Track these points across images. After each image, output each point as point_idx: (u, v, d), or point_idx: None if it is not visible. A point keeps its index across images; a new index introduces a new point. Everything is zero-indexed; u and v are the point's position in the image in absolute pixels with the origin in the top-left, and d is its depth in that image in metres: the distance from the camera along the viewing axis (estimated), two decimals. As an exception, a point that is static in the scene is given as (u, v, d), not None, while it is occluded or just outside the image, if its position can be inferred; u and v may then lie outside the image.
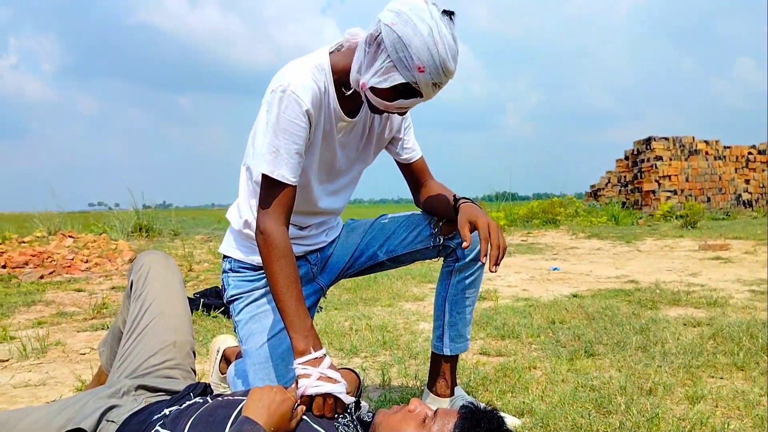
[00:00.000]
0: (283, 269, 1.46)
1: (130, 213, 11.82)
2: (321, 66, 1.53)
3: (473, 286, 1.83)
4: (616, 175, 19.81)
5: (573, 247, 8.50)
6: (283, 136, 1.46)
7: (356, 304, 4.05)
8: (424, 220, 1.80)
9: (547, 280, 5.24)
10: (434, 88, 1.42)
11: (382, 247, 1.81)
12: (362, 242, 1.83)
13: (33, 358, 2.86)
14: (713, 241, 8.17)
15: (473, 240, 1.68)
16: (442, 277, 1.86)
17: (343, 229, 1.89)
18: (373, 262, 1.83)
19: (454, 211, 1.68)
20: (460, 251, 1.77)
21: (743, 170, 19.28)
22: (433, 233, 1.78)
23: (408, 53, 1.35)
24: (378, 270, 1.88)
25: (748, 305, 3.75)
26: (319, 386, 1.35)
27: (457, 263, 1.79)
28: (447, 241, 1.77)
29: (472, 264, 1.78)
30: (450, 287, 1.83)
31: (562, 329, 3.13)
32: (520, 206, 15.83)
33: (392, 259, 1.82)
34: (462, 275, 1.81)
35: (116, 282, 5.65)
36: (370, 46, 1.42)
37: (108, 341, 1.91)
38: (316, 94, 1.50)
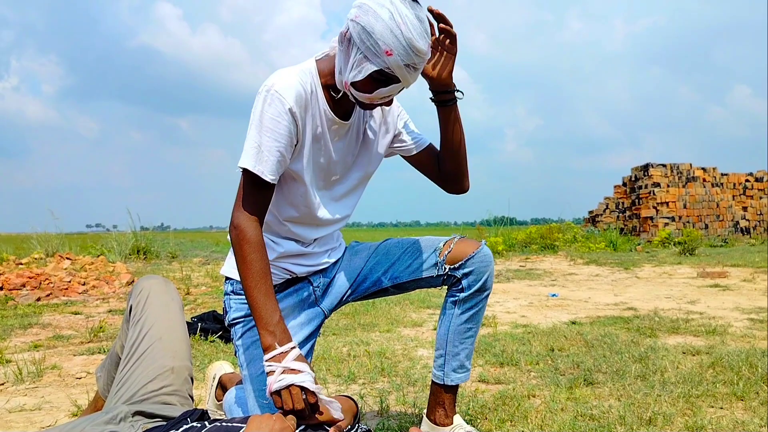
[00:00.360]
0: (254, 263, 1.49)
1: (128, 235, 11.81)
2: (308, 70, 1.59)
3: (477, 317, 1.81)
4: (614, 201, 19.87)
5: (571, 273, 8.50)
6: (265, 134, 1.49)
7: (354, 329, 4.03)
8: (430, 248, 1.79)
9: (546, 307, 5.23)
10: (409, 69, 1.45)
11: (387, 273, 1.80)
12: (366, 266, 1.82)
13: (29, 381, 2.83)
14: (711, 268, 8.17)
15: (477, 271, 1.71)
16: (445, 307, 1.84)
17: (347, 252, 1.88)
18: (377, 288, 1.81)
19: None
20: (465, 281, 1.75)
21: (741, 197, 19.36)
22: (438, 262, 1.76)
23: (373, 40, 1.40)
24: (382, 296, 1.87)
25: (747, 334, 3.75)
26: (281, 380, 1.37)
27: (461, 294, 1.77)
28: (452, 270, 1.75)
29: (477, 295, 1.77)
30: (453, 318, 1.81)
31: (561, 357, 3.12)
32: (518, 231, 15.86)
33: (396, 285, 1.81)
34: (466, 306, 1.79)
35: (113, 305, 5.63)
36: (342, 44, 1.48)
37: (105, 366, 1.90)
38: (301, 94, 1.53)
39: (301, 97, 1.53)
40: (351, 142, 1.71)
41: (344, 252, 1.88)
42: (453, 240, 1.79)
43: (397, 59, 1.41)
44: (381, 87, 1.48)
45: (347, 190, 1.76)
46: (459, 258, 1.74)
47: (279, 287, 1.74)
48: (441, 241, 1.79)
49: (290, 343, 1.44)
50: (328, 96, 1.60)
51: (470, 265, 1.74)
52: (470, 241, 1.79)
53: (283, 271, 1.73)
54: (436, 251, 1.77)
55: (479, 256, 1.74)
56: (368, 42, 1.40)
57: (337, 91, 1.58)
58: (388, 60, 1.41)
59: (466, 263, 1.74)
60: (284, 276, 1.74)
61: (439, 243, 1.79)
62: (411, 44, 1.40)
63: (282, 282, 1.75)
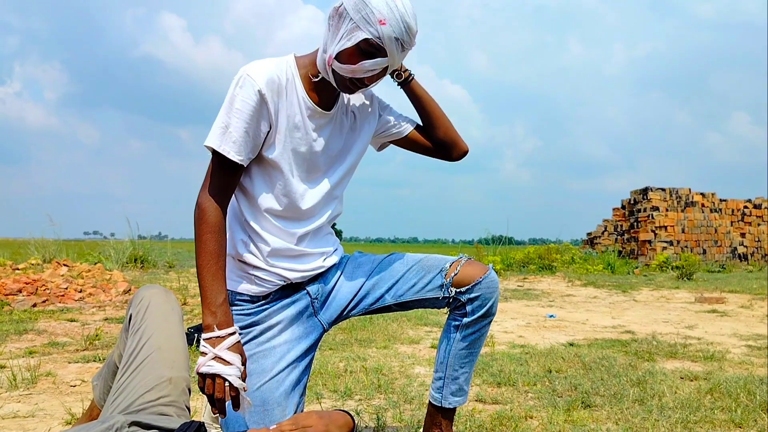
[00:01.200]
0: (208, 244, 1.54)
1: (126, 243, 11.80)
2: (285, 60, 1.63)
3: (478, 343, 1.78)
4: (612, 223, 19.90)
5: (569, 295, 8.48)
6: (234, 115, 1.53)
7: (351, 344, 4.01)
8: (436, 268, 1.75)
9: (544, 327, 5.22)
10: (397, 45, 1.49)
11: (390, 290, 1.75)
12: (368, 281, 1.77)
13: (23, 388, 2.81)
14: (709, 294, 8.16)
15: (483, 296, 1.68)
16: (447, 329, 1.80)
17: (349, 263, 1.83)
18: (380, 305, 1.77)
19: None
20: (469, 306, 1.71)
21: (739, 224, 19.40)
22: (444, 284, 1.72)
23: (369, 9, 1.45)
24: (383, 312, 1.83)
25: (745, 360, 3.73)
26: (210, 366, 1.45)
27: (465, 318, 1.73)
28: (458, 294, 1.71)
29: (480, 320, 1.73)
30: (455, 342, 1.77)
31: (558, 378, 3.10)
32: (516, 251, 15.85)
33: (399, 304, 1.77)
34: (468, 331, 1.75)
35: (110, 313, 5.60)
36: (333, 18, 1.52)
37: (102, 374, 1.89)
38: (274, 79, 1.56)
39: (274, 82, 1.56)
40: (335, 132, 1.70)
41: (346, 262, 1.83)
42: (460, 262, 1.75)
43: (389, 29, 1.45)
44: (366, 59, 1.50)
45: (333, 181, 1.73)
46: (466, 282, 1.70)
47: (274, 295, 1.70)
48: (447, 262, 1.76)
49: (229, 328, 1.49)
50: (307, 86, 1.63)
51: (477, 291, 1.70)
52: (477, 264, 1.75)
53: (277, 277, 1.68)
54: (442, 272, 1.73)
55: (486, 281, 1.71)
56: (363, 11, 1.45)
57: (316, 76, 1.61)
58: (380, 29, 1.45)
59: (472, 288, 1.70)
60: (278, 282, 1.68)
61: (446, 264, 1.75)
62: (404, 19, 1.46)
63: (277, 289, 1.70)
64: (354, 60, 1.50)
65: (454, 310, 1.76)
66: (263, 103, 1.54)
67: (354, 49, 1.49)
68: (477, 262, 1.76)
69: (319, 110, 1.64)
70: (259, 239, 1.66)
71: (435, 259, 1.78)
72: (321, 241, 1.77)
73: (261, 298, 1.69)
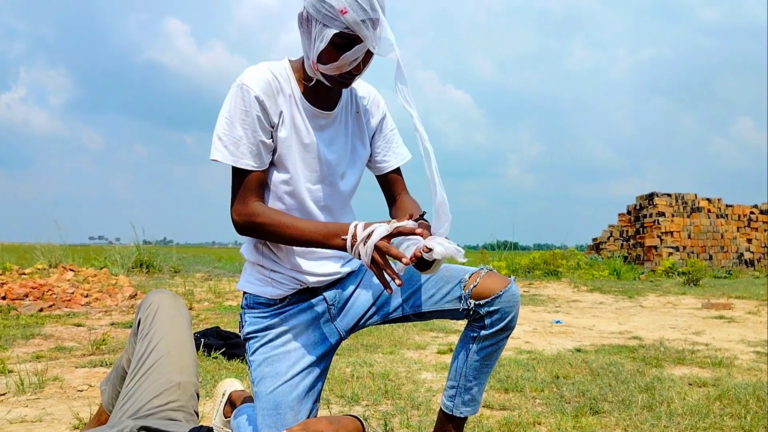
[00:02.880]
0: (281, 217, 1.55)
1: (131, 248, 11.82)
2: (280, 64, 1.66)
3: (495, 355, 1.73)
4: (618, 229, 19.84)
5: (575, 300, 8.46)
6: (240, 126, 1.56)
7: (357, 350, 4.01)
8: (455, 278, 1.69)
9: (550, 333, 5.20)
10: (369, 25, 1.48)
11: (408, 300, 1.72)
12: None
13: (30, 392, 2.82)
14: (716, 299, 8.13)
15: (503, 310, 1.64)
16: (463, 339, 1.75)
17: (368, 271, 1.80)
18: (398, 315, 1.74)
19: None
20: (488, 319, 1.66)
21: (745, 229, 19.32)
22: (463, 296, 1.67)
23: (327, 4, 1.45)
24: (402, 321, 1.79)
25: (753, 367, 3.71)
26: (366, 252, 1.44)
27: (483, 331, 1.68)
28: (477, 306, 1.66)
29: (499, 334, 1.68)
30: (471, 353, 1.72)
31: (566, 384, 3.09)
32: (521, 256, 15.81)
33: (417, 314, 1.73)
34: (486, 343, 1.69)
35: (116, 318, 5.61)
36: (302, 25, 1.55)
37: (111, 379, 1.89)
38: (269, 83, 1.59)
39: (269, 85, 1.58)
40: (339, 133, 1.71)
41: (365, 270, 1.80)
42: (480, 273, 1.68)
43: (353, 15, 1.45)
44: (345, 51, 1.51)
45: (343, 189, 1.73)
46: (485, 294, 1.64)
47: (291, 299, 1.70)
48: (467, 273, 1.70)
49: (351, 224, 1.49)
50: (303, 88, 1.65)
51: (497, 304, 1.64)
52: (498, 276, 1.69)
53: (294, 281, 1.68)
54: (461, 283, 1.68)
55: (507, 295, 1.65)
56: (323, 9, 1.46)
57: (310, 80, 1.63)
58: (345, 18, 1.45)
59: (492, 301, 1.64)
60: (295, 286, 1.69)
61: (465, 275, 1.69)
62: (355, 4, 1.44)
63: (294, 293, 1.70)
64: (334, 57, 1.51)
65: (472, 322, 1.71)
66: (263, 109, 1.57)
67: (330, 47, 1.50)
68: (497, 274, 1.70)
69: (318, 111, 1.65)
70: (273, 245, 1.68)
71: (454, 270, 1.72)
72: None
73: (278, 301, 1.70)
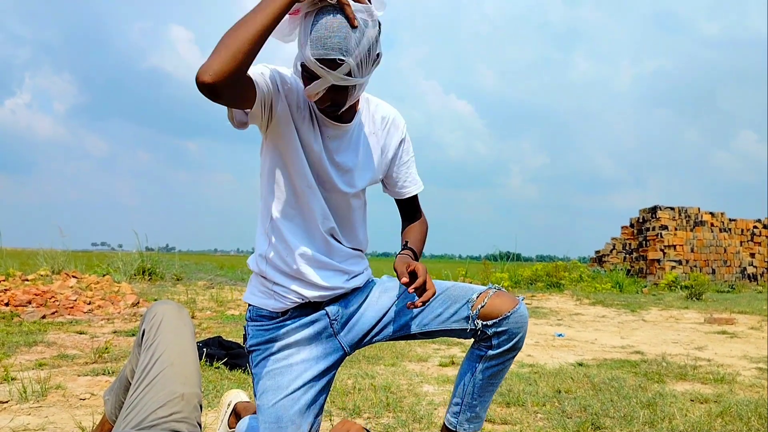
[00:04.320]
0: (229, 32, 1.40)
1: (134, 255, 11.84)
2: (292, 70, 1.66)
3: (501, 375, 1.73)
4: (621, 241, 19.82)
5: (577, 313, 8.44)
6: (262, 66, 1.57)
7: (359, 361, 4.01)
8: (463, 298, 1.69)
9: (552, 347, 5.19)
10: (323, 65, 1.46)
11: (415, 319, 1.72)
12: (394, 307, 1.74)
13: (33, 400, 2.82)
14: (719, 314, 8.10)
15: (511, 331, 1.64)
16: (470, 357, 1.75)
17: (376, 288, 1.81)
18: (405, 333, 1.74)
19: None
20: (496, 340, 1.66)
21: (748, 243, 19.30)
22: (470, 316, 1.66)
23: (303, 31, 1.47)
24: (408, 339, 1.79)
25: (755, 383, 3.71)
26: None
27: (490, 351, 1.68)
28: (485, 327, 1.65)
29: (505, 354, 1.67)
30: (477, 372, 1.72)
31: (568, 399, 3.09)
32: (524, 268, 15.79)
33: (424, 333, 1.73)
34: (492, 363, 1.69)
35: (118, 326, 5.62)
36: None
37: (114, 389, 1.90)
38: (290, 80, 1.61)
39: (288, 81, 1.60)
40: (353, 147, 1.72)
41: (373, 287, 1.82)
42: (488, 293, 1.68)
43: (308, 52, 1.45)
44: (307, 83, 1.52)
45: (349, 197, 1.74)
46: (493, 315, 1.64)
47: (293, 313, 1.71)
48: (475, 293, 1.69)
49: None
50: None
51: (505, 325, 1.64)
52: (506, 296, 1.69)
53: (294, 294, 1.68)
54: (469, 303, 1.67)
55: (515, 316, 1.64)
56: (301, 34, 1.49)
57: None
58: (303, 52, 1.47)
59: (500, 322, 1.64)
60: (296, 300, 1.69)
61: (473, 294, 1.68)
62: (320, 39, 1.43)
63: (295, 307, 1.70)
64: (304, 83, 1.54)
65: (479, 341, 1.71)
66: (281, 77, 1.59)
67: (301, 74, 1.53)
68: (506, 294, 1.69)
69: (330, 122, 1.65)
70: (284, 246, 1.68)
71: (462, 289, 1.72)
72: (345, 260, 1.76)
73: (280, 314, 1.71)
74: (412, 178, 1.89)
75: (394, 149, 1.82)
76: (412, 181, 1.89)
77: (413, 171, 1.89)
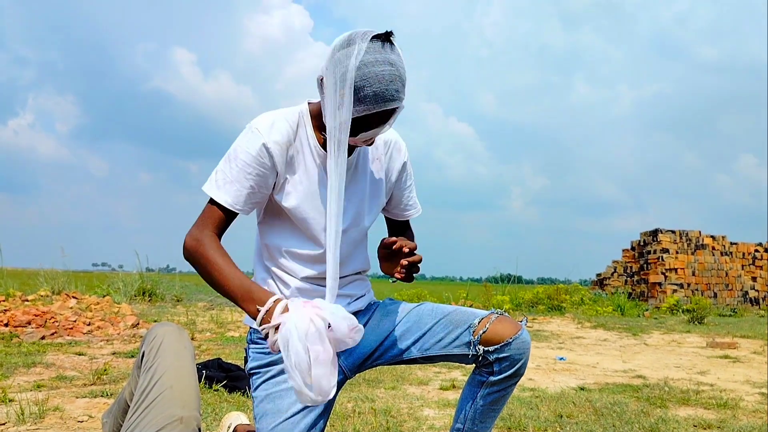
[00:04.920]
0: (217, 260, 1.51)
1: (134, 276, 11.81)
2: (297, 110, 1.65)
3: (503, 401, 1.71)
4: (622, 264, 19.77)
5: (579, 337, 8.40)
6: (235, 164, 1.56)
7: (359, 384, 3.98)
8: (465, 323, 1.67)
9: (554, 370, 5.16)
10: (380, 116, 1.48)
11: (416, 343, 1.70)
12: (395, 331, 1.72)
13: (30, 423, 2.80)
14: (721, 338, 8.06)
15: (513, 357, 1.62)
16: (472, 383, 1.73)
17: (377, 311, 1.80)
18: (406, 357, 1.72)
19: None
20: (497, 366, 1.64)
21: (750, 267, 19.25)
22: (472, 341, 1.64)
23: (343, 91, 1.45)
24: (409, 363, 1.77)
25: (758, 408, 3.67)
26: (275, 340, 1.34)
27: (491, 377, 1.66)
28: (486, 353, 1.63)
29: (507, 380, 1.66)
30: (478, 398, 1.70)
31: (569, 424, 3.06)
32: (525, 290, 15.73)
33: (425, 357, 1.71)
34: (494, 389, 1.67)
35: (117, 347, 5.60)
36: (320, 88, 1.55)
37: (113, 412, 1.89)
38: (281, 131, 1.59)
39: (281, 133, 1.58)
40: (356, 181, 1.71)
41: (375, 309, 1.81)
42: (490, 318, 1.66)
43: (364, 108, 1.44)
44: (362, 131, 1.51)
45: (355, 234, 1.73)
46: (495, 341, 1.62)
47: None
48: (477, 318, 1.67)
49: (271, 298, 1.43)
50: (320, 135, 1.64)
51: (506, 351, 1.62)
52: (509, 321, 1.67)
53: None
54: (470, 328, 1.65)
55: (517, 342, 1.62)
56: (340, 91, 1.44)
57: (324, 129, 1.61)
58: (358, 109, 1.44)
59: (502, 348, 1.62)
60: None
61: (475, 320, 1.67)
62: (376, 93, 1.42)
63: None
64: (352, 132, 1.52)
65: (481, 367, 1.69)
66: (269, 156, 1.57)
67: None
68: (508, 319, 1.68)
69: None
70: (279, 281, 1.70)
71: (464, 314, 1.71)
72: (347, 284, 1.76)
73: None
74: (413, 201, 1.90)
75: (397, 173, 1.81)
76: (413, 204, 1.90)
77: (414, 195, 1.90)
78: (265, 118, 1.60)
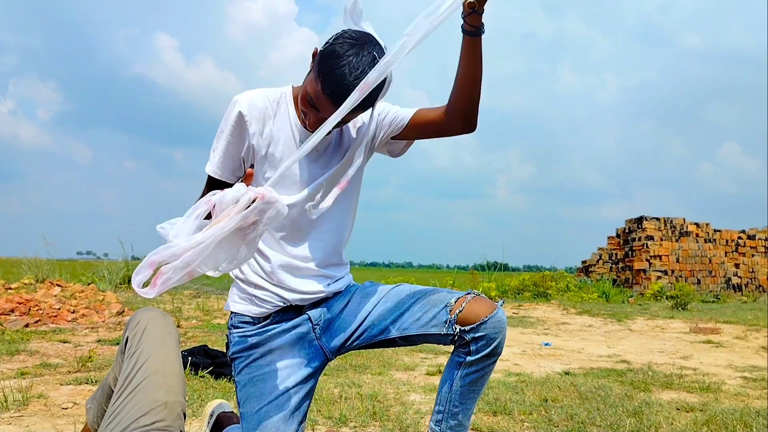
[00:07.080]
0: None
1: (119, 264, 11.73)
2: (280, 90, 1.71)
3: (482, 381, 1.71)
4: (607, 252, 19.92)
5: (564, 323, 8.46)
6: (221, 137, 1.65)
7: (346, 370, 3.99)
8: (442, 302, 1.68)
9: (539, 356, 5.20)
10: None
11: (395, 322, 1.70)
12: (374, 311, 1.72)
13: (14, 410, 2.78)
14: (704, 324, 8.15)
15: (489, 336, 1.61)
16: (450, 365, 1.73)
17: (357, 292, 1.79)
18: (385, 337, 1.71)
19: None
20: (474, 345, 1.64)
21: (733, 254, 19.45)
22: (449, 320, 1.65)
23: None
24: (389, 346, 1.77)
25: (740, 392, 3.72)
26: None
27: (468, 357, 1.66)
28: (462, 332, 1.64)
29: (485, 360, 1.66)
30: (457, 379, 1.70)
31: (554, 408, 3.09)
32: (511, 277, 15.82)
33: (404, 338, 1.71)
34: (472, 369, 1.67)
35: (102, 335, 5.56)
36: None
37: (96, 397, 1.87)
38: (258, 104, 1.64)
39: (257, 107, 1.63)
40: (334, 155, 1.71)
41: (354, 291, 1.80)
42: (466, 298, 1.67)
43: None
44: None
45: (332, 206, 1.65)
46: (471, 320, 1.63)
47: (275, 317, 1.70)
48: (454, 297, 1.68)
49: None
50: (299, 112, 1.66)
51: (482, 330, 1.62)
52: (485, 301, 1.67)
53: (277, 298, 1.68)
54: (447, 308, 1.66)
55: (493, 321, 1.63)
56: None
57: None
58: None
59: (478, 327, 1.62)
60: (278, 303, 1.68)
61: (451, 299, 1.67)
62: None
63: (277, 311, 1.70)
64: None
65: (458, 347, 1.69)
66: (243, 123, 1.62)
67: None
68: (484, 299, 1.68)
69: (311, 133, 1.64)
70: (261, 256, 1.69)
71: (442, 294, 1.71)
72: (329, 266, 1.76)
73: (261, 319, 1.70)
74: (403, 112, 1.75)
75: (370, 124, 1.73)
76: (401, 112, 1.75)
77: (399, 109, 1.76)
78: (246, 92, 1.66)
